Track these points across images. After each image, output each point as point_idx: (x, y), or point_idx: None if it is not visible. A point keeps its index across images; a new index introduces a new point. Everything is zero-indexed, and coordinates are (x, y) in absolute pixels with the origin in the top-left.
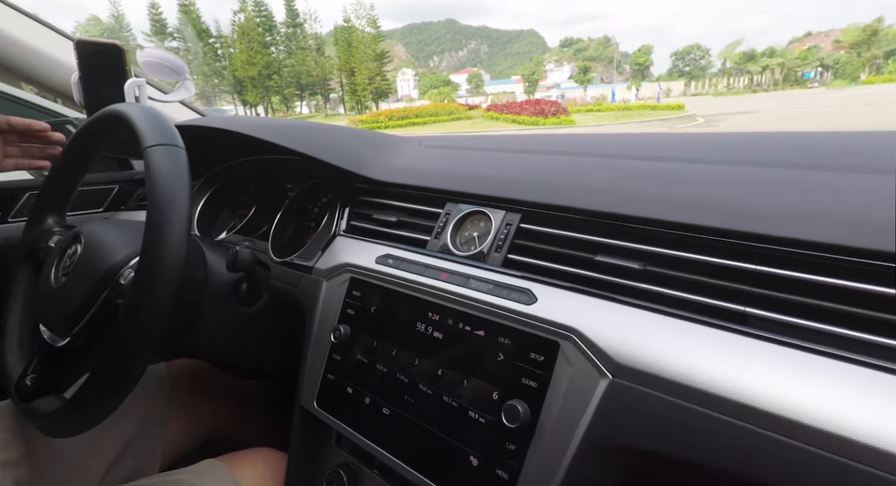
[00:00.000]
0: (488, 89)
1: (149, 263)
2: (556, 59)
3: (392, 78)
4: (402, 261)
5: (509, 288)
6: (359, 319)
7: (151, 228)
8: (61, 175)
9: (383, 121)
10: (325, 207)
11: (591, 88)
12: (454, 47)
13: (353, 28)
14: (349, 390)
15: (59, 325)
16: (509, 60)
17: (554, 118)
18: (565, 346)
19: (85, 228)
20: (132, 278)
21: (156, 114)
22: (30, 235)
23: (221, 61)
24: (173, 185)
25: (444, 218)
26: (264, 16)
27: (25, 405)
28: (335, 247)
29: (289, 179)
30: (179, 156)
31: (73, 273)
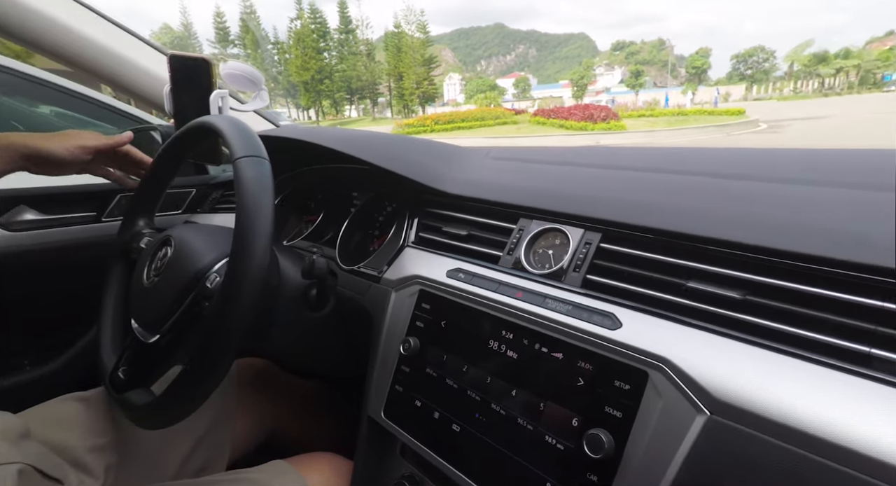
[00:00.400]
0: (535, 94)
1: (236, 270)
2: (607, 63)
3: (439, 82)
4: (473, 276)
5: (590, 311)
6: (428, 332)
7: (240, 236)
8: (153, 181)
9: (429, 125)
10: (389, 217)
11: (643, 92)
12: (502, 52)
13: (402, 33)
14: (417, 403)
15: (149, 322)
16: (557, 65)
17: (603, 123)
18: (655, 376)
19: (175, 233)
20: (219, 282)
21: (244, 127)
22: (123, 236)
23: (278, 67)
24: (259, 195)
25: (517, 234)
26: (319, 22)
27: (119, 397)
28: (404, 258)
29: (354, 188)
30: (264, 167)
31: (163, 275)
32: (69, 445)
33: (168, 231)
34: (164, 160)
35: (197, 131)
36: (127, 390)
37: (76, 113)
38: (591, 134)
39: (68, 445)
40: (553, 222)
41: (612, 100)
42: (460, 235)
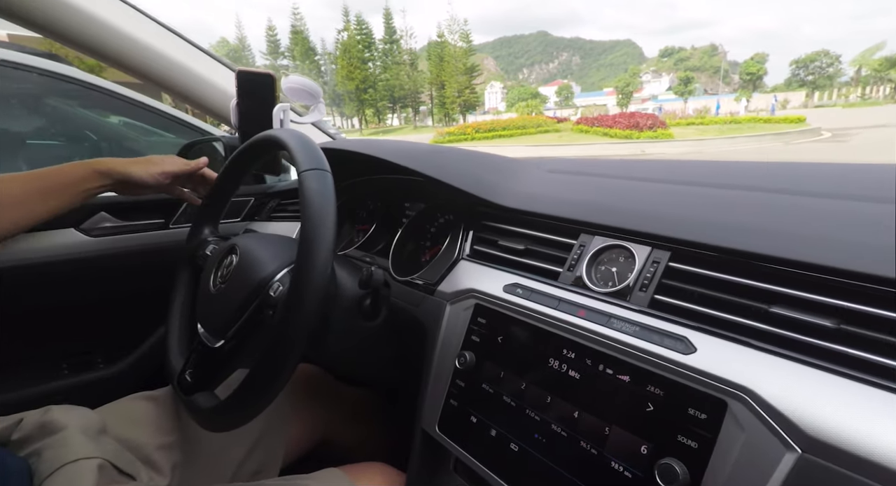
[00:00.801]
0: (578, 102)
1: (300, 278)
2: (654, 70)
3: (480, 91)
4: (532, 292)
5: (660, 333)
6: (484, 347)
7: (304, 246)
8: (219, 191)
9: (470, 133)
10: (442, 228)
11: (692, 99)
12: (544, 60)
13: (445, 43)
14: (473, 419)
15: (215, 328)
16: (602, 72)
17: (650, 132)
18: (735, 407)
19: (240, 242)
20: (282, 291)
21: (308, 141)
22: (191, 243)
23: (324, 77)
24: (323, 207)
25: (578, 250)
26: (365, 33)
27: (186, 399)
28: (459, 271)
29: (405, 198)
30: (328, 179)
31: (229, 282)
32: (140, 442)
33: (233, 240)
34: (231, 172)
35: (263, 144)
36: (193, 393)
37: (141, 122)
38: (637, 142)
39: (139, 442)
40: (617, 239)
41: (659, 107)
42: (517, 250)
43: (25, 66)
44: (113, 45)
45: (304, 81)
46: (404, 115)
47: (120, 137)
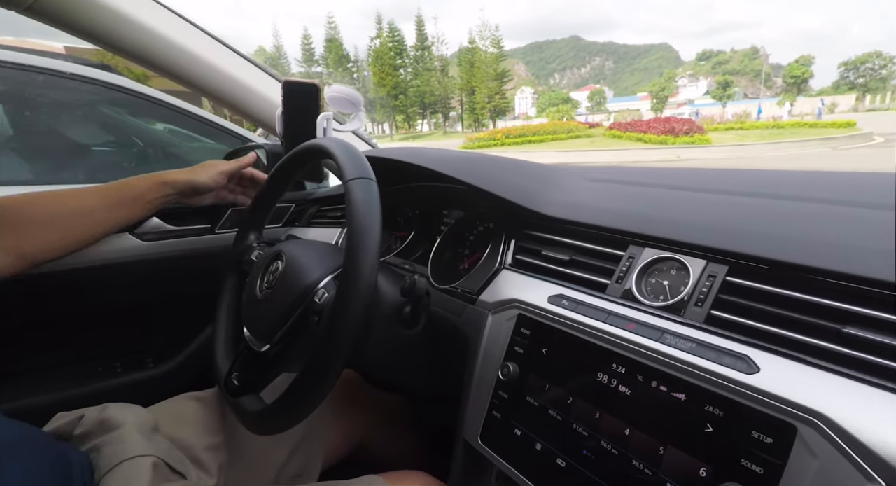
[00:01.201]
0: (610, 107)
1: (347, 286)
2: (691, 74)
3: (510, 96)
4: (578, 304)
5: (719, 351)
6: (528, 358)
7: (350, 254)
8: (265, 198)
9: (500, 138)
10: (481, 236)
11: (731, 104)
12: (576, 64)
13: (476, 49)
14: (517, 431)
15: (262, 332)
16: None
17: (686, 137)
18: (806, 432)
19: (286, 249)
20: (327, 298)
21: (353, 150)
22: (237, 248)
23: (356, 84)
24: (369, 216)
25: (626, 262)
26: (397, 40)
27: (233, 401)
28: (501, 281)
29: (444, 206)
30: (373, 188)
31: (275, 288)
32: (189, 442)
33: (279, 246)
34: (277, 179)
35: (309, 153)
36: (240, 395)
37: (184, 129)
38: (672, 148)
39: (188, 442)
40: (668, 251)
41: (695, 112)
42: (561, 260)
43: (81, 77)
44: (168, 56)
45: (346, 90)
46: (434, 120)
47: (165, 143)
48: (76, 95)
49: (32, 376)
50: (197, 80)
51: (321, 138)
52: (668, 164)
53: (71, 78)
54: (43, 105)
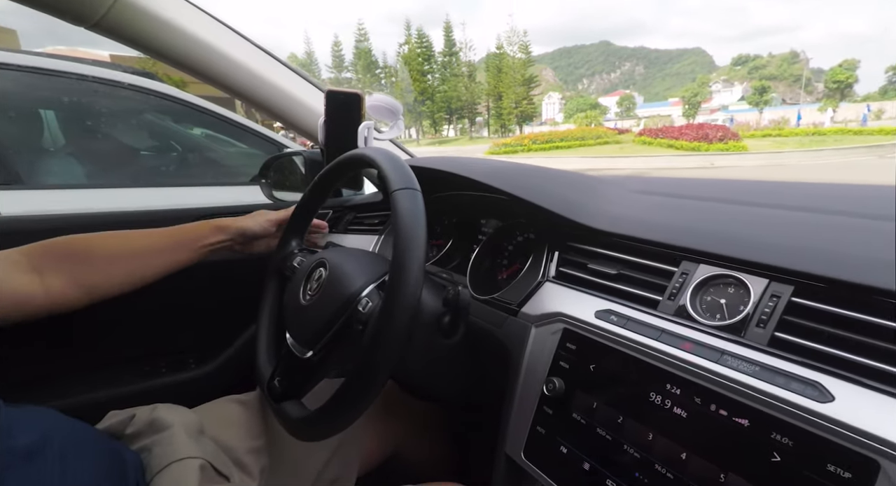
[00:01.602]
0: (640, 112)
1: (393, 295)
2: (725, 79)
3: (538, 101)
4: (628, 320)
5: (786, 376)
6: (574, 374)
7: (397, 263)
8: (307, 206)
9: (527, 144)
10: (520, 247)
11: (768, 110)
12: (606, 70)
13: (504, 54)
14: (563, 449)
15: (305, 339)
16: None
17: (720, 144)
18: (891, 469)
19: (329, 257)
20: (371, 307)
21: (398, 160)
22: (279, 255)
23: (385, 89)
24: (415, 227)
25: (679, 278)
26: (425, 46)
27: (276, 406)
28: (544, 293)
29: (481, 215)
30: (418, 199)
31: (319, 296)
32: (232, 444)
33: (321, 254)
34: (320, 187)
35: (353, 162)
36: (282, 401)
37: (220, 134)
38: (705, 155)
39: (231, 444)
40: (726, 269)
41: (730, 118)
42: (608, 274)
43: (124, 84)
44: (222, 69)
45: (386, 100)
46: (460, 125)
47: (203, 147)
48: (124, 103)
49: (84, 374)
50: (247, 90)
51: (365, 148)
52: (702, 171)
53: (115, 85)
54: (93, 112)
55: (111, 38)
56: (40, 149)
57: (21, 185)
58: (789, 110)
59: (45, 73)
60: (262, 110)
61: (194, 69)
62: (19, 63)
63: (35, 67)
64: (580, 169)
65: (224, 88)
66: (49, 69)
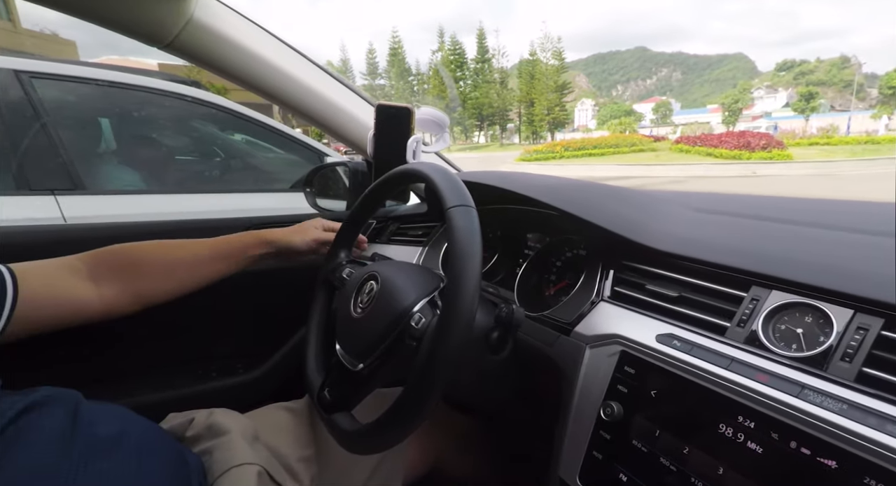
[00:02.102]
0: (677, 119)
1: (449, 312)
2: (769, 85)
3: (570, 108)
4: (693, 346)
5: (881, 417)
6: (634, 399)
7: (453, 280)
8: (356, 218)
9: (559, 151)
10: (569, 263)
11: (815, 117)
12: (641, 76)
13: (537, 61)
14: (623, 477)
15: (357, 352)
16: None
17: (763, 152)
18: None
19: (380, 270)
20: (425, 323)
21: (453, 176)
22: (328, 265)
23: (416, 96)
24: (471, 244)
25: (750, 304)
26: (458, 53)
27: (328, 417)
28: (599, 313)
29: (527, 229)
30: (473, 216)
31: (371, 309)
32: (284, 452)
33: (372, 267)
34: (370, 199)
35: (405, 176)
36: (333, 412)
37: (259, 140)
38: (747, 163)
39: (283, 452)
40: (803, 296)
41: (773, 126)
42: (669, 297)
43: (174, 94)
44: (280, 85)
45: (434, 113)
46: (491, 132)
47: (242, 152)
48: (172, 111)
49: (141, 376)
50: (301, 104)
51: (418, 163)
52: (743, 179)
53: (166, 95)
54: (146, 120)
55: (182, 57)
56: (97, 155)
57: (83, 190)
58: (839, 117)
59: (102, 84)
60: (313, 123)
61: (255, 86)
62: (80, 75)
63: (92, 79)
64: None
65: (280, 101)
66: (105, 80)
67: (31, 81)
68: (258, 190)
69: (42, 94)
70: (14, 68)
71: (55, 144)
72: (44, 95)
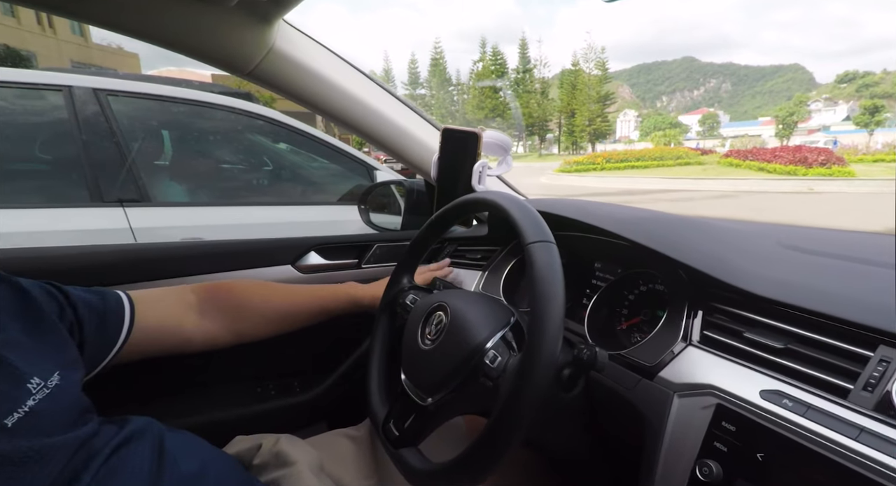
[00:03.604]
0: (725, 132)
1: (533, 358)
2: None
3: (612, 119)
4: (808, 408)
5: None
6: (736, 460)
7: (537, 320)
8: (422, 243)
9: (600, 162)
10: (643, 298)
11: (880, 131)
12: (688, 87)
13: (579, 71)
14: None
15: (426, 386)
16: (758, 99)
17: (821, 169)
18: None
19: (449, 301)
20: (501, 362)
21: (530, 209)
22: (391, 291)
23: (456, 105)
24: (554, 283)
25: (879, 366)
26: (499, 63)
27: (395, 452)
28: (688, 359)
29: (596, 257)
30: (555, 253)
31: (441, 342)
32: (347, 482)
33: (441, 297)
34: (437, 225)
35: (478, 205)
36: (400, 447)
37: (302, 149)
38: (803, 179)
39: (346, 482)
40: None
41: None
42: (773, 348)
43: (227, 108)
44: (351, 110)
45: (498, 136)
46: (530, 142)
47: (286, 160)
48: (225, 124)
49: (202, 391)
50: (369, 128)
51: (494, 193)
52: (799, 196)
53: (219, 108)
54: (203, 132)
55: (261, 85)
56: (158, 168)
57: (148, 202)
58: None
59: (166, 100)
60: (378, 145)
61: (328, 111)
62: (150, 92)
63: (160, 96)
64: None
65: (348, 125)
66: (170, 97)
67: (107, 98)
68: (307, 202)
69: (115, 108)
70: (93, 87)
71: (125, 158)
72: (117, 109)
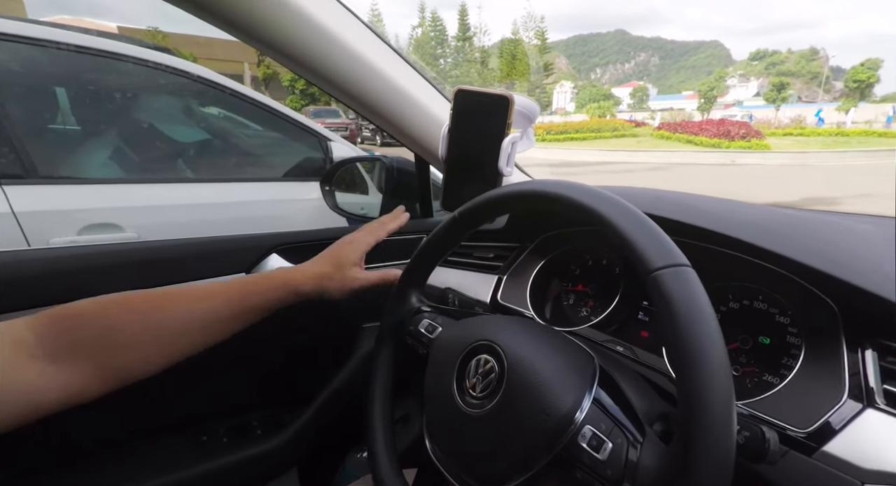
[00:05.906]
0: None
1: (697, 450)
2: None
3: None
4: None
5: None
6: None
7: (693, 398)
8: (439, 248)
9: (540, 134)
10: (733, 317)
11: (785, 107)
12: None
13: (519, 41)
14: None
15: (481, 476)
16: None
17: (742, 142)
18: None
19: (504, 344)
20: (613, 450)
21: (650, 224)
22: (396, 312)
23: None
24: (710, 335)
25: None
26: (439, 30)
27: None
28: (870, 427)
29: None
30: (694, 280)
31: (500, 406)
32: None
33: (489, 336)
34: (463, 224)
35: (549, 200)
36: None
37: (237, 115)
38: (727, 152)
39: None
40: None
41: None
42: None
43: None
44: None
45: (525, 102)
46: None
47: (223, 132)
48: (139, 81)
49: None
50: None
51: (581, 187)
52: (723, 168)
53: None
54: (110, 91)
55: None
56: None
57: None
58: (805, 108)
59: (60, 47)
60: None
61: (313, 68)
62: (33, 35)
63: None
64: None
65: (336, 87)
66: (65, 43)
67: None
68: (243, 179)
69: None
70: None
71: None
72: None
